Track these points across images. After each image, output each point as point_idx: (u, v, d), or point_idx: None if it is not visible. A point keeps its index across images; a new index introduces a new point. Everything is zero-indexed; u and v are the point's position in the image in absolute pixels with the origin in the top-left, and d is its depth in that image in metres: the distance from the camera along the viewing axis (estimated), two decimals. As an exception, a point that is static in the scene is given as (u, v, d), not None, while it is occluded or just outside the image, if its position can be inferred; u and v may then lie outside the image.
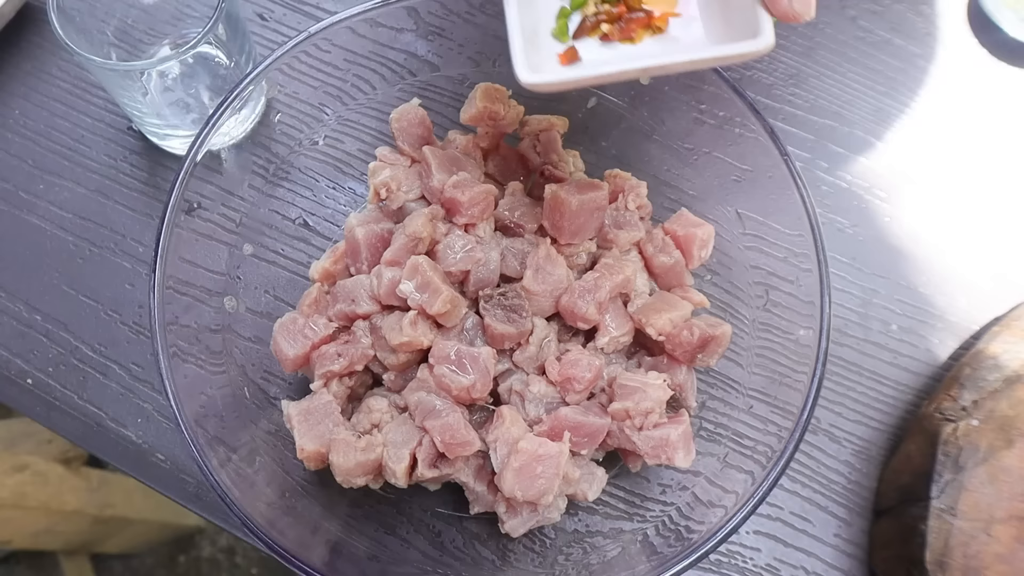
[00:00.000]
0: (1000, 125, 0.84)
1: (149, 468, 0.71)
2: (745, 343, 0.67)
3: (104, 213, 0.78)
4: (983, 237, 0.80)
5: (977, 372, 0.69)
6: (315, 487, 0.65)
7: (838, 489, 0.71)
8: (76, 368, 0.73)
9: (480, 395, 0.61)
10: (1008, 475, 0.64)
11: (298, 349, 0.63)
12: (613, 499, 0.67)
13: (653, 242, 0.68)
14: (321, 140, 0.74)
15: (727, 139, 0.68)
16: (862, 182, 0.81)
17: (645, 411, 0.60)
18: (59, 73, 0.83)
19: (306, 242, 0.74)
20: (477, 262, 0.64)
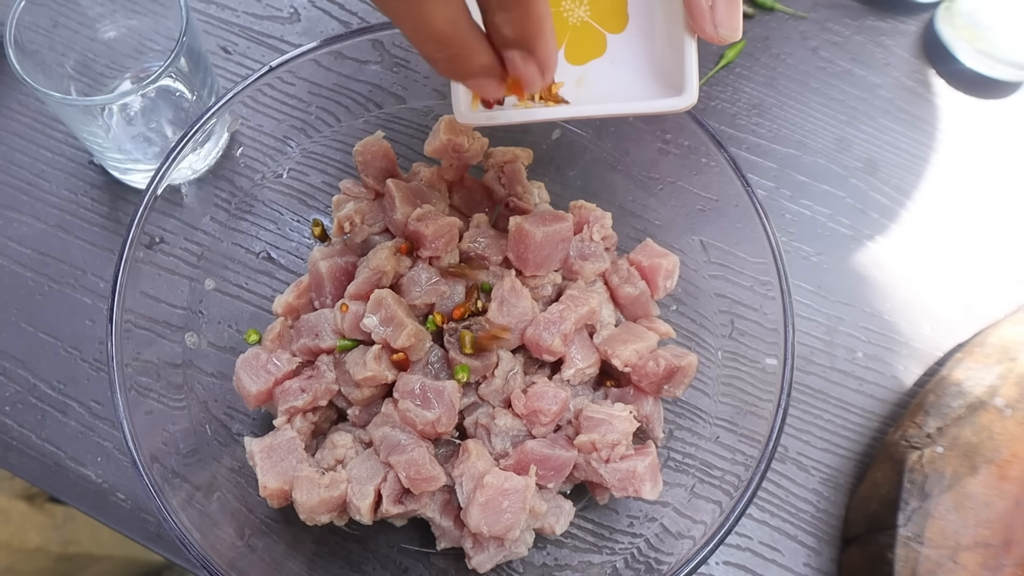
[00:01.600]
0: (960, 154, 0.85)
1: (109, 508, 0.69)
2: (712, 372, 0.67)
3: (64, 248, 0.77)
4: (947, 264, 0.81)
5: (941, 399, 0.69)
6: (279, 525, 0.64)
7: (807, 518, 0.71)
8: (34, 406, 0.72)
9: (445, 429, 0.60)
10: (973, 502, 0.64)
11: (261, 385, 0.63)
12: (581, 532, 0.67)
13: (618, 273, 0.68)
14: (285, 173, 0.74)
15: (691, 169, 0.69)
16: (825, 210, 0.82)
17: (611, 443, 0.59)
18: (18, 107, 0.82)
19: (270, 276, 0.73)
20: (442, 295, 0.64)
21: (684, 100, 0.49)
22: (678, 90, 0.50)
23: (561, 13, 0.56)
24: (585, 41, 0.56)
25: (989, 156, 0.85)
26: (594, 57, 0.55)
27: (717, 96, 0.86)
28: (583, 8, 0.55)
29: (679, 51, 0.50)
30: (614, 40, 0.55)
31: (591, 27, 0.55)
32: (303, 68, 0.68)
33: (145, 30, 0.76)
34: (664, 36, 0.52)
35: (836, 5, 0.91)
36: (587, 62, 0.56)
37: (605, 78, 0.55)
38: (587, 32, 0.55)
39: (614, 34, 0.55)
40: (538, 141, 0.74)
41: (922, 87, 0.88)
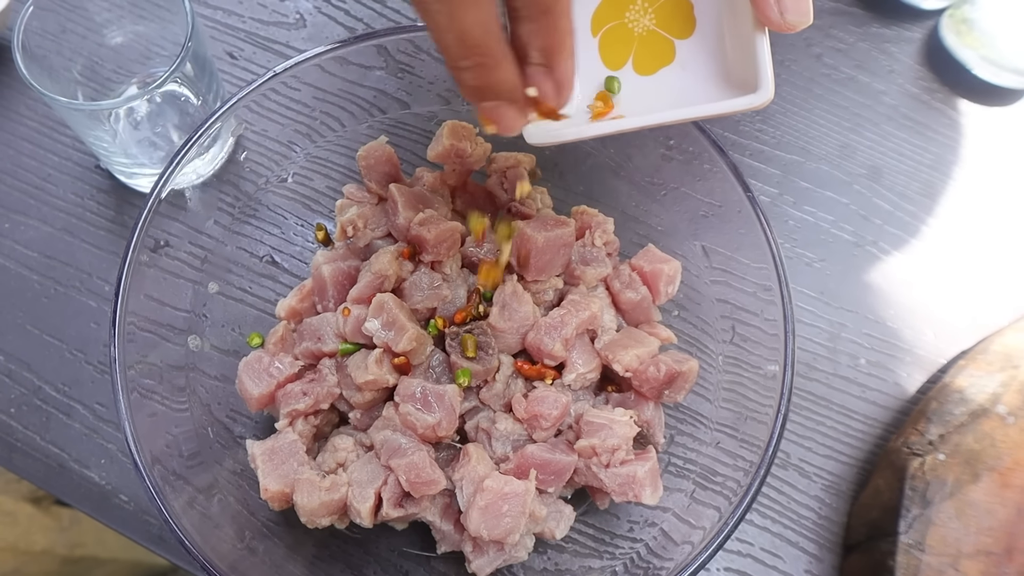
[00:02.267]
0: (964, 161, 0.85)
1: (112, 510, 0.70)
2: (713, 378, 0.67)
3: (70, 252, 0.78)
4: (950, 271, 0.81)
5: (943, 406, 0.69)
6: (280, 528, 0.64)
7: (808, 524, 0.71)
8: (39, 408, 0.72)
9: (446, 433, 0.60)
10: (975, 509, 0.64)
11: (263, 388, 0.63)
12: (582, 536, 0.67)
13: (620, 278, 0.68)
14: (289, 177, 0.74)
15: (694, 175, 0.69)
16: (829, 216, 0.82)
17: (612, 448, 0.60)
18: (26, 112, 0.83)
19: (273, 280, 0.74)
20: (443, 299, 0.64)
21: (760, 97, 0.48)
22: (752, 87, 0.49)
23: (626, 24, 0.55)
24: (654, 50, 0.55)
25: (993, 163, 0.85)
26: (664, 65, 0.55)
27: (721, 102, 0.86)
28: (648, 17, 0.55)
29: (749, 47, 0.48)
30: (683, 46, 0.54)
31: (658, 35, 0.55)
32: (308, 73, 0.69)
33: (152, 36, 0.77)
34: (733, 34, 0.51)
35: (840, 12, 0.91)
36: (657, 71, 0.55)
37: (678, 84, 0.54)
38: (655, 41, 0.55)
39: (682, 39, 0.54)
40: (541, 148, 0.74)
41: (926, 94, 0.88)
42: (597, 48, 0.57)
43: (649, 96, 0.55)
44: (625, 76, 0.56)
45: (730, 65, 0.52)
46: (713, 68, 0.53)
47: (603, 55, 0.57)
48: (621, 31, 0.56)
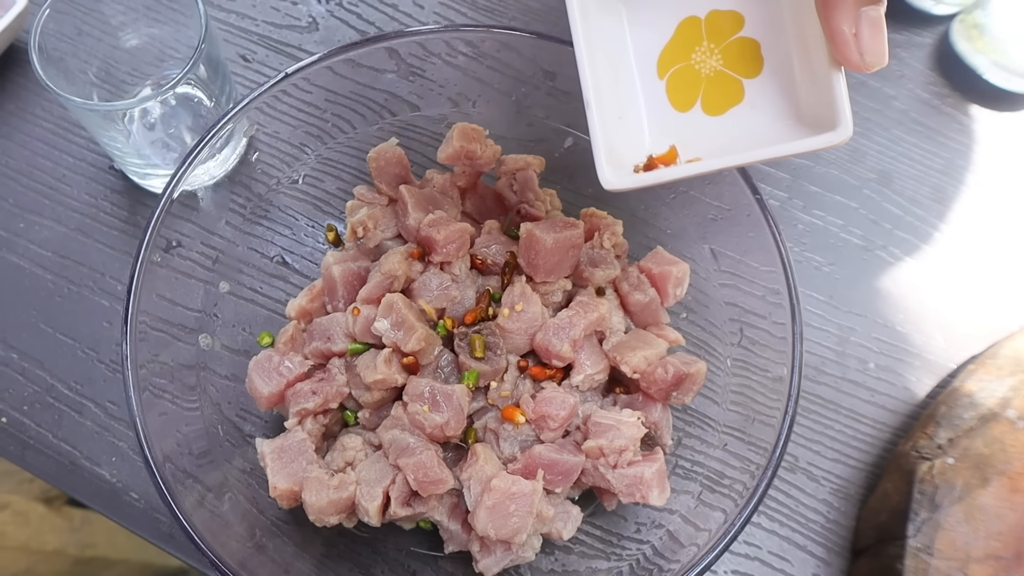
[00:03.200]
0: (974, 166, 0.85)
1: (123, 507, 0.70)
2: (721, 381, 0.67)
3: (83, 251, 0.78)
4: (960, 276, 0.80)
5: (953, 410, 0.69)
6: (289, 526, 0.64)
7: (816, 528, 0.71)
8: (51, 406, 0.73)
9: (454, 433, 0.60)
10: (984, 514, 0.63)
11: (273, 387, 0.63)
12: (589, 538, 0.67)
13: (628, 280, 0.68)
14: (300, 179, 0.75)
15: (703, 179, 0.69)
16: (838, 221, 0.82)
17: (619, 449, 0.60)
18: (42, 113, 0.84)
19: (284, 280, 0.74)
20: (452, 300, 0.64)
21: (840, 135, 0.47)
22: (830, 125, 0.48)
23: (693, 66, 0.56)
24: (722, 91, 0.55)
25: (1004, 168, 0.85)
26: (733, 105, 0.55)
27: (731, 107, 0.87)
28: (715, 58, 0.55)
29: (826, 85, 0.48)
30: (751, 85, 0.54)
31: (726, 75, 0.55)
32: (320, 76, 0.69)
33: (166, 38, 0.78)
34: (805, 72, 0.51)
35: (851, 17, 0.91)
36: (726, 111, 0.55)
37: (748, 124, 0.54)
38: (723, 81, 0.55)
39: (751, 79, 0.54)
40: (551, 149, 0.75)
41: (937, 99, 0.88)
42: (665, 91, 0.57)
43: (720, 137, 0.55)
44: (694, 118, 0.56)
45: (802, 103, 0.52)
46: (784, 106, 0.53)
47: (671, 97, 0.57)
48: (688, 73, 0.56)
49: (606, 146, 0.55)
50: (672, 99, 0.57)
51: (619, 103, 0.57)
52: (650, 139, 0.57)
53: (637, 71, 0.58)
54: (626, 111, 0.57)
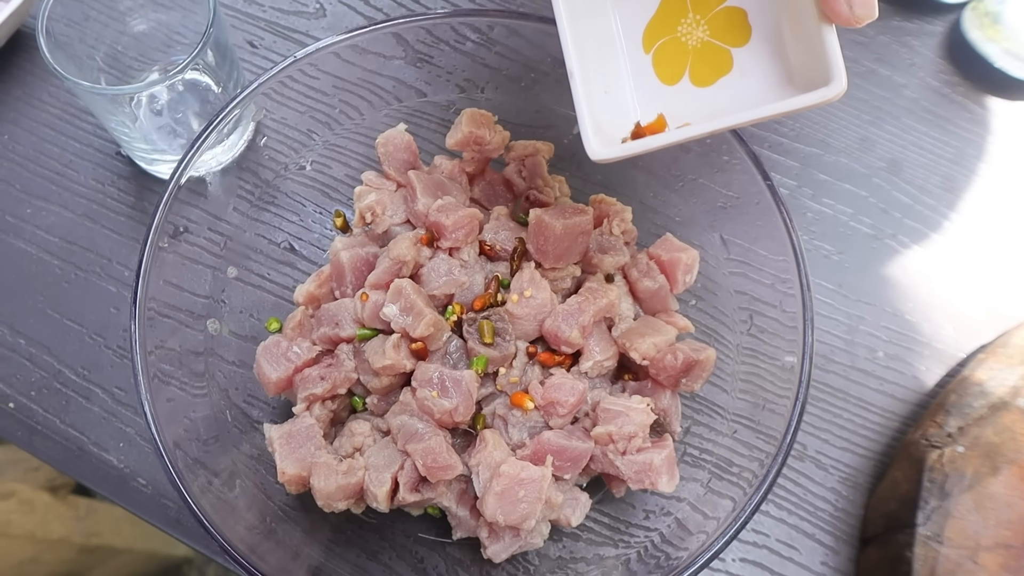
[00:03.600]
0: (985, 154, 0.84)
1: (130, 493, 0.70)
2: (730, 368, 0.67)
3: (90, 237, 0.78)
4: (970, 265, 0.80)
5: (963, 399, 0.69)
6: (297, 512, 0.64)
7: (825, 517, 0.71)
8: (59, 392, 0.73)
9: (463, 418, 0.60)
10: (994, 502, 0.63)
11: (281, 372, 0.63)
12: (597, 525, 0.67)
13: (638, 266, 0.68)
14: (308, 165, 0.75)
15: (713, 166, 0.69)
16: (848, 209, 0.82)
17: (628, 435, 0.59)
18: (49, 99, 0.84)
19: (291, 266, 0.74)
20: (461, 286, 0.64)
21: (833, 89, 0.47)
22: (822, 83, 0.48)
23: (679, 39, 0.55)
24: (710, 61, 0.55)
25: (1015, 157, 0.84)
26: (722, 75, 0.54)
27: (740, 94, 0.86)
28: (701, 29, 0.55)
29: (817, 43, 0.48)
30: (740, 53, 0.54)
31: (714, 46, 0.55)
32: (327, 62, 0.69)
33: (174, 24, 0.78)
34: (795, 34, 0.51)
35: (861, 5, 0.91)
36: (715, 81, 0.55)
37: (739, 92, 0.54)
38: (711, 52, 0.55)
39: (739, 47, 0.54)
40: (560, 136, 0.74)
41: (947, 87, 0.87)
42: (651, 64, 0.57)
43: (710, 106, 0.55)
44: (683, 90, 0.56)
45: (794, 65, 0.52)
46: (775, 71, 0.53)
47: (658, 71, 0.57)
48: (675, 46, 0.56)
49: (592, 118, 0.55)
50: (659, 73, 0.57)
51: (605, 78, 0.57)
52: (638, 114, 0.57)
53: (623, 46, 0.58)
54: (611, 86, 0.57)
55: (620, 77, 0.58)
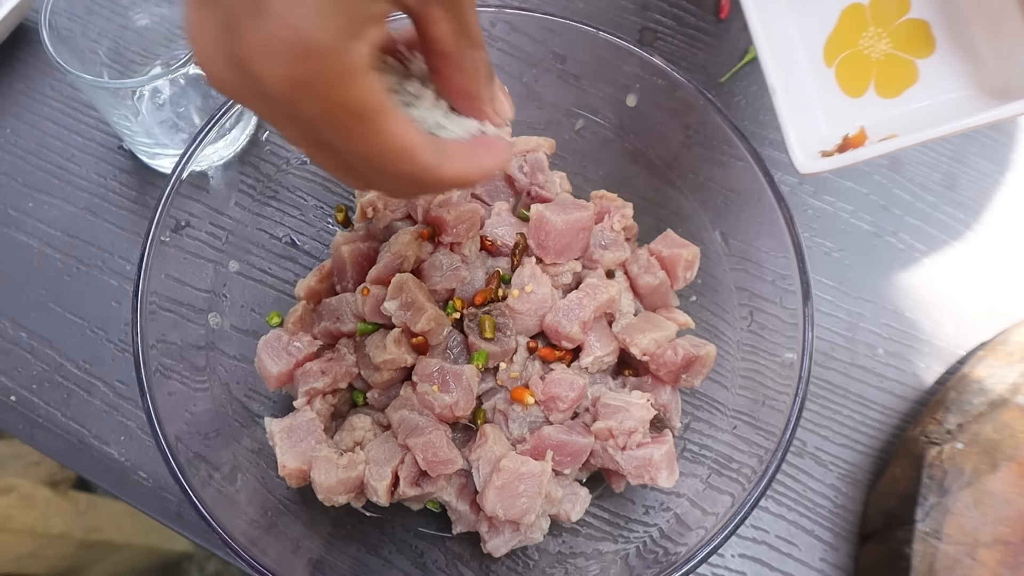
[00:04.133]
0: (987, 152, 0.84)
1: (131, 486, 0.70)
2: (730, 365, 0.67)
3: (92, 231, 0.78)
4: (970, 263, 0.80)
5: (962, 396, 0.69)
6: (297, 505, 0.64)
7: (824, 513, 0.71)
8: (60, 385, 0.73)
9: (463, 413, 0.60)
10: (993, 499, 0.63)
11: (282, 366, 0.63)
12: (597, 520, 0.67)
13: (638, 262, 0.68)
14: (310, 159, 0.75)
15: (714, 162, 0.69)
16: (848, 206, 0.82)
17: (628, 430, 0.60)
18: (51, 93, 0.84)
19: (293, 261, 0.74)
20: (462, 281, 0.64)
21: None
22: None
23: (861, 52, 0.56)
24: (895, 73, 0.56)
25: (1015, 155, 0.84)
26: (908, 86, 0.56)
27: (741, 91, 0.86)
28: (884, 42, 0.56)
29: (1018, 49, 0.49)
30: (926, 64, 0.55)
31: (897, 58, 0.56)
32: (330, 56, 0.69)
33: (176, 18, 0.78)
34: (991, 43, 0.52)
35: (863, 3, 0.91)
36: (902, 92, 0.56)
37: (928, 101, 0.55)
38: (895, 64, 0.56)
39: (924, 59, 0.55)
40: (561, 132, 0.74)
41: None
42: (834, 78, 0.58)
43: (899, 117, 0.56)
44: (868, 101, 0.58)
45: (989, 74, 0.53)
46: (965, 81, 0.54)
47: (841, 84, 0.58)
48: (857, 59, 0.57)
49: (796, 131, 0.57)
50: (843, 85, 0.59)
51: (794, 94, 0.59)
52: (825, 126, 0.59)
53: (806, 62, 0.60)
54: (798, 101, 0.59)
55: (807, 91, 0.59)
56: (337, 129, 0.35)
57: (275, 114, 0.36)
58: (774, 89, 0.57)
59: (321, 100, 0.34)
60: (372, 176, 0.39)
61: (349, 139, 0.36)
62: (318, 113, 0.34)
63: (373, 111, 0.35)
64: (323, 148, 0.38)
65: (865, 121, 0.57)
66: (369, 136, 0.36)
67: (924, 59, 0.55)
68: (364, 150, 0.36)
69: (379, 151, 0.36)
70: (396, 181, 0.39)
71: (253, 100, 0.35)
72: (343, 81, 0.34)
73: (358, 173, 0.39)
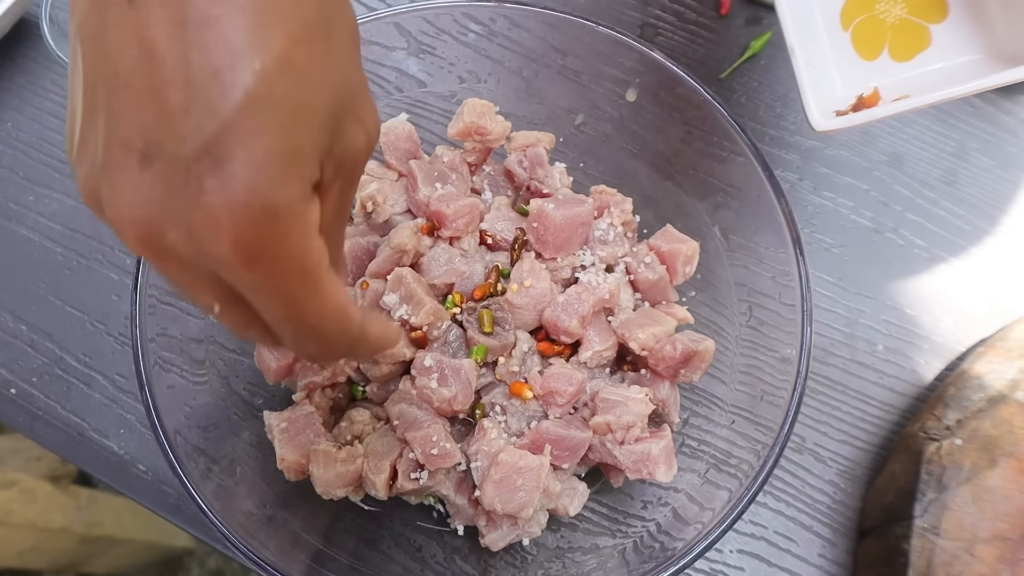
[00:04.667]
0: (986, 149, 0.84)
1: (130, 479, 0.71)
2: (729, 360, 0.67)
3: (93, 225, 0.78)
4: (970, 259, 0.80)
5: (961, 392, 0.69)
6: (296, 499, 0.64)
7: (823, 509, 0.71)
8: (60, 378, 0.73)
9: (462, 407, 0.60)
10: (991, 495, 0.63)
11: (281, 360, 0.63)
12: (595, 515, 0.67)
13: (638, 257, 0.68)
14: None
15: (714, 158, 0.69)
16: (848, 202, 0.82)
17: (627, 425, 0.60)
18: (52, 87, 0.84)
19: (293, 255, 0.74)
20: (461, 275, 0.64)
21: None
22: None
23: (877, 16, 0.59)
24: (909, 37, 0.58)
25: (1015, 151, 0.84)
26: (921, 50, 0.58)
27: (741, 88, 0.86)
28: (899, 7, 0.58)
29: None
30: (939, 29, 0.58)
31: (911, 23, 0.58)
32: (330, 51, 0.69)
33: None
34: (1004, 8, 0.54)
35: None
36: (915, 56, 0.59)
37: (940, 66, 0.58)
38: (908, 28, 0.58)
39: (937, 24, 0.58)
40: (561, 127, 0.74)
41: (950, 82, 0.87)
42: (850, 41, 0.61)
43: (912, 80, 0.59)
44: (882, 64, 0.60)
45: (1001, 38, 0.55)
46: (976, 45, 0.56)
47: (857, 47, 0.61)
48: (873, 23, 0.59)
49: (813, 92, 0.59)
50: (858, 49, 0.61)
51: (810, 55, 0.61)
52: (840, 87, 0.61)
53: (823, 25, 0.62)
54: (815, 62, 0.61)
55: (824, 54, 0.62)
56: (280, 291, 0.34)
57: (201, 277, 0.34)
58: (793, 49, 0.59)
59: (274, 262, 0.33)
60: (298, 337, 0.37)
61: (291, 300, 0.35)
62: (265, 275, 0.33)
63: (322, 272, 0.35)
64: (245, 311, 0.36)
65: (879, 83, 0.60)
66: (312, 297, 0.35)
67: (937, 24, 0.57)
68: (302, 312, 0.35)
69: (320, 311, 0.36)
70: (324, 341, 0.38)
71: (184, 263, 0.34)
72: (301, 243, 0.33)
73: (281, 335, 0.37)
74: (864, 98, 0.59)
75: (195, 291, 0.35)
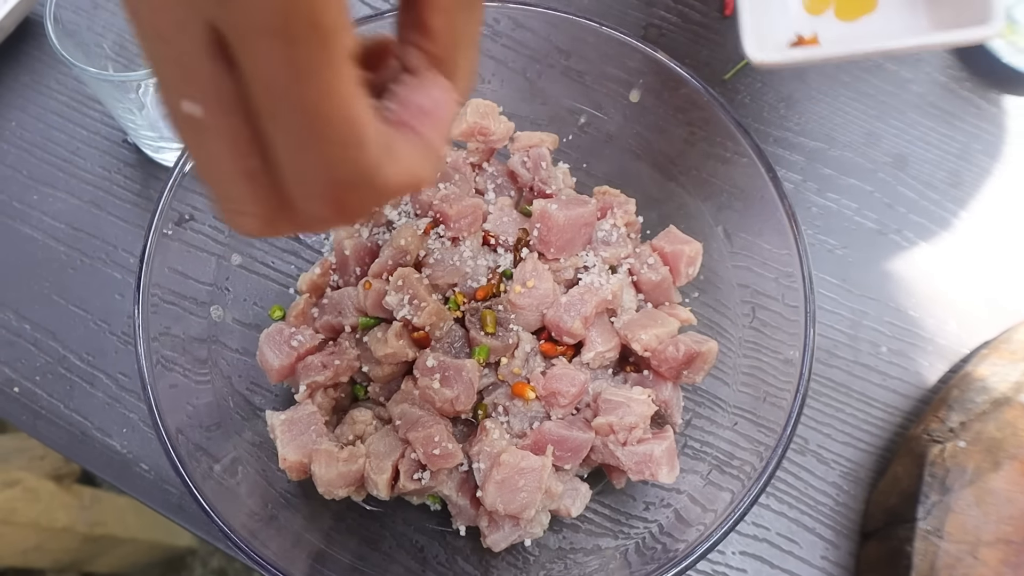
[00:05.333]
0: (991, 150, 0.84)
1: (133, 478, 0.71)
2: (732, 361, 0.67)
3: (96, 224, 0.79)
4: (974, 261, 0.80)
5: (965, 394, 0.69)
6: (298, 499, 0.64)
7: (826, 511, 0.71)
8: (63, 377, 0.74)
9: (464, 407, 0.60)
10: (995, 497, 0.63)
11: (284, 359, 0.63)
12: (597, 516, 0.67)
13: (641, 258, 0.68)
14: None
15: (718, 159, 0.69)
16: (852, 204, 0.82)
17: (629, 426, 0.60)
18: (56, 86, 0.84)
19: (295, 254, 0.74)
20: (464, 275, 0.64)
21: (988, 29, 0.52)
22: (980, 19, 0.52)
23: None
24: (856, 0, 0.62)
25: (1020, 153, 0.84)
26: (866, 12, 0.62)
27: (745, 89, 0.86)
28: None
29: None
30: None
31: None
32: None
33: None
34: None
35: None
36: (859, 18, 0.62)
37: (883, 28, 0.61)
38: None
39: None
40: (564, 128, 0.74)
41: (954, 83, 0.87)
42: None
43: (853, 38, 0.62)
44: (827, 21, 0.64)
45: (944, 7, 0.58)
46: (920, 11, 0.60)
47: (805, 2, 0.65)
48: None
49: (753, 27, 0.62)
50: (806, 4, 0.65)
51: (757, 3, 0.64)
52: (783, 32, 0.65)
53: None
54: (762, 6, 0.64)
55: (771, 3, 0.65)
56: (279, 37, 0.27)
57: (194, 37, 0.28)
58: None
59: None
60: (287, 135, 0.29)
61: (290, 60, 0.27)
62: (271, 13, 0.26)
63: (337, 42, 0.28)
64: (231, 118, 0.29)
65: (823, 35, 0.63)
66: (318, 70, 0.27)
67: None
68: (301, 86, 0.28)
69: (322, 106, 0.28)
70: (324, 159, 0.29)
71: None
72: None
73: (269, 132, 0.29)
74: (804, 38, 0.62)
75: (180, 68, 0.29)
